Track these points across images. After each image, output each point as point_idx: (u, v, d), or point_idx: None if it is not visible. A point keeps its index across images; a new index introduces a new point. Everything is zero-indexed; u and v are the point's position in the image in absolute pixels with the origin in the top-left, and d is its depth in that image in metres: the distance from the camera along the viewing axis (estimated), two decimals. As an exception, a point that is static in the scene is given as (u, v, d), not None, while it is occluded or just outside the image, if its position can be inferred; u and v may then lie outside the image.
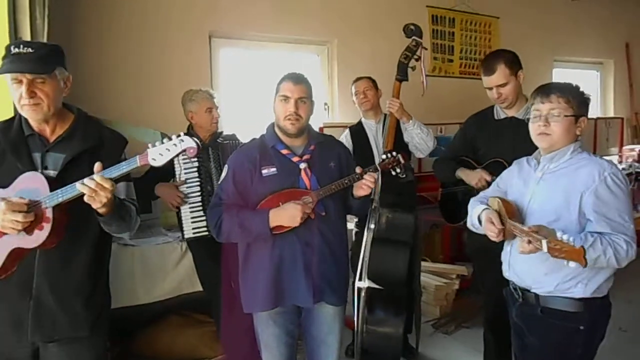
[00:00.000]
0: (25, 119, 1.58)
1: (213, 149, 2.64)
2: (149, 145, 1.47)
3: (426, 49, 2.69)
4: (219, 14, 3.62)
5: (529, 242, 1.46)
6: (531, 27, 5.15)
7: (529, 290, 1.74)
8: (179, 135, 1.47)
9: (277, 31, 3.87)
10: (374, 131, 2.98)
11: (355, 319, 2.43)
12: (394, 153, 2.03)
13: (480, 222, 1.81)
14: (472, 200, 1.94)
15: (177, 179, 2.58)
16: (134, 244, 2.66)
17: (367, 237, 2.28)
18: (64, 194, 1.47)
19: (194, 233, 2.58)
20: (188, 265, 2.74)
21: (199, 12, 3.54)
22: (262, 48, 3.95)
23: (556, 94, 1.67)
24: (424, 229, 4.26)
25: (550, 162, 1.71)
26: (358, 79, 3.07)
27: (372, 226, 2.27)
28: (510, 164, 2.20)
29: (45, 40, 1.98)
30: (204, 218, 2.56)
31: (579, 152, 1.69)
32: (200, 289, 2.74)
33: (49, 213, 1.47)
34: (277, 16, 3.81)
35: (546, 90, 1.71)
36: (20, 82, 1.48)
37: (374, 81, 3.07)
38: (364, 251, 2.25)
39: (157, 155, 1.47)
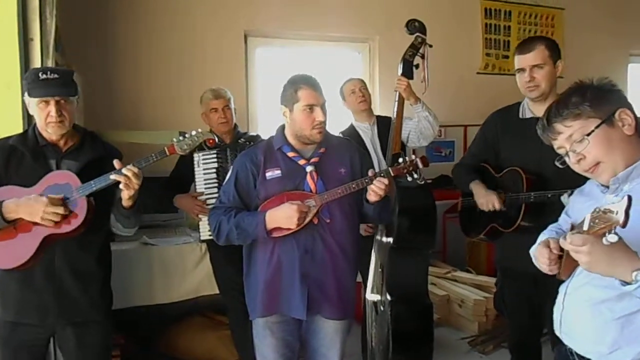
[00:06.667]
0: (39, 132, 1.79)
1: (232, 150, 2.58)
2: (174, 139, 1.77)
3: (431, 46, 2.53)
4: (254, 13, 3.58)
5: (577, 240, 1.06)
6: (602, 17, 4.63)
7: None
8: (198, 130, 1.79)
9: (316, 29, 3.77)
10: (370, 134, 2.80)
11: (369, 334, 2.28)
12: (414, 157, 1.85)
13: None
14: (547, 228, 1.54)
15: (196, 189, 2.58)
16: (154, 243, 2.68)
17: (375, 249, 2.12)
18: (97, 184, 1.69)
19: (209, 235, 2.54)
20: (207, 267, 2.71)
21: (233, 10, 3.52)
22: (300, 46, 3.87)
23: (560, 121, 1.27)
24: (466, 238, 3.97)
25: (624, 182, 1.25)
26: (350, 79, 2.94)
27: (383, 239, 2.10)
28: (530, 175, 1.92)
29: (52, 37, 2.05)
30: None
31: None
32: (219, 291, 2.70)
33: (83, 202, 1.69)
34: (315, 13, 3.71)
35: (544, 124, 1.31)
36: (48, 103, 1.69)
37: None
38: (374, 264, 2.09)
39: (183, 145, 1.77)
